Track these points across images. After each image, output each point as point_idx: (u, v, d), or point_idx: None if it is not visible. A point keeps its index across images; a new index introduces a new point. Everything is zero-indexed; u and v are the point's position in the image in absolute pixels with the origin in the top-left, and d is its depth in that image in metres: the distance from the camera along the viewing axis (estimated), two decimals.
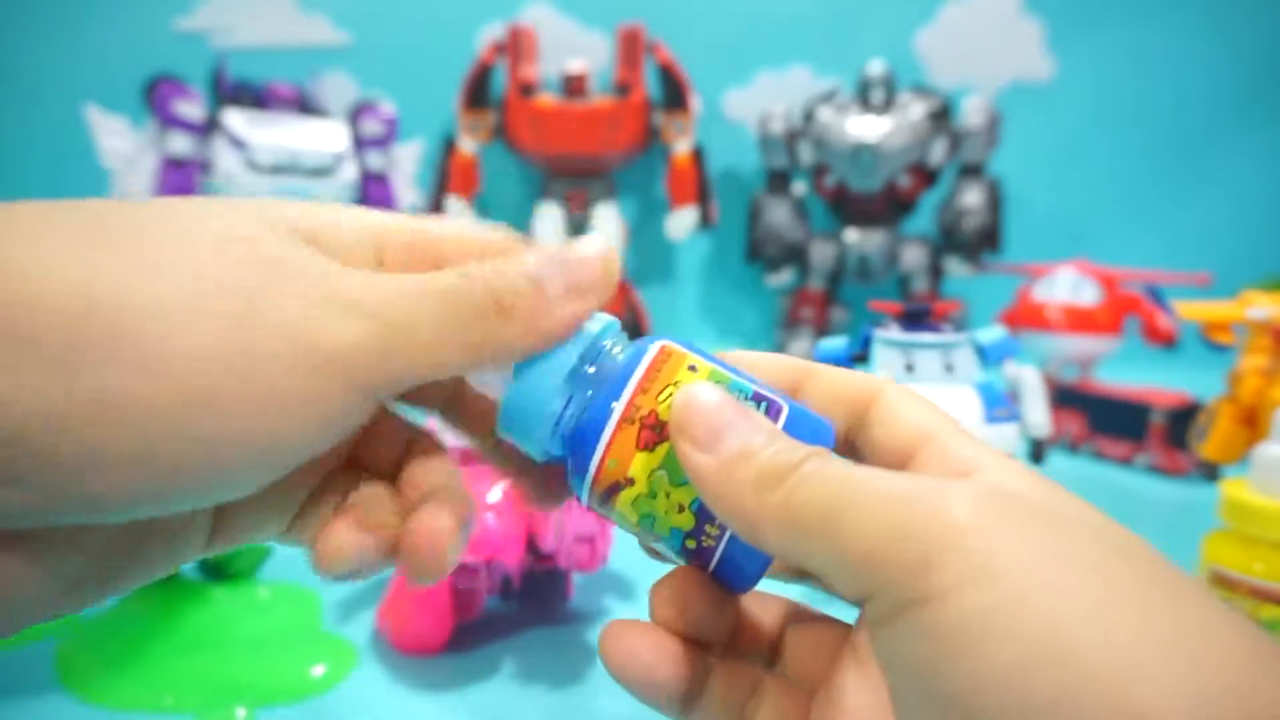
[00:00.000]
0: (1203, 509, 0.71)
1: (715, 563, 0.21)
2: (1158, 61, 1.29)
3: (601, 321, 0.22)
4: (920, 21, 1.30)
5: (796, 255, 1.14)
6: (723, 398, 0.19)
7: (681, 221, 1.15)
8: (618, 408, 0.20)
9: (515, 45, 1.14)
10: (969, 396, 0.48)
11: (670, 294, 1.36)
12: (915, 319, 0.52)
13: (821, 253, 1.12)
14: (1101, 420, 0.85)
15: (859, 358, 0.56)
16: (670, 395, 0.20)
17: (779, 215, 1.12)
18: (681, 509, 0.20)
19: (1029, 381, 0.58)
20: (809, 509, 0.17)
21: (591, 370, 0.21)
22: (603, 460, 0.20)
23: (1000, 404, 0.48)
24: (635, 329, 1.16)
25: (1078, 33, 1.29)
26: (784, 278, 1.15)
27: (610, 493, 0.21)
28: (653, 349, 0.21)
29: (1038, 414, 0.57)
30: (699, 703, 0.21)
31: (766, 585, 0.22)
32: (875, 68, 1.06)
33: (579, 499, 0.22)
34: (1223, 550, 0.42)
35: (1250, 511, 0.41)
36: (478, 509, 0.45)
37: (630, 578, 0.55)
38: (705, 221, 1.16)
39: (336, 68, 1.31)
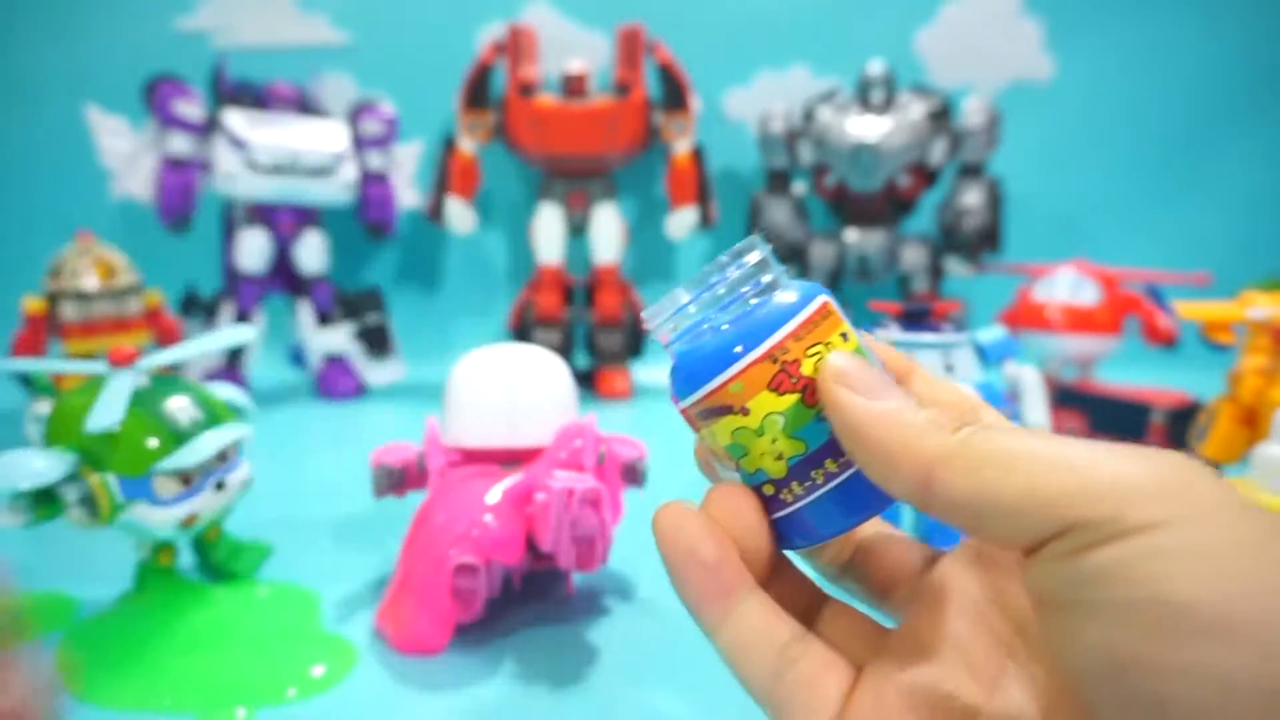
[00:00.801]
0: None
1: (782, 515, 0.21)
2: (1157, 62, 1.29)
3: (764, 250, 0.22)
4: (920, 21, 1.30)
5: (796, 255, 1.14)
6: (879, 371, 0.21)
7: (681, 221, 1.15)
8: (767, 343, 0.21)
9: (515, 45, 1.14)
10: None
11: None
12: (915, 319, 0.52)
13: (821, 253, 1.12)
14: (1101, 420, 0.85)
15: None
16: (819, 354, 0.21)
17: (779, 215, 1.12)
18: (779, 457, 0.21)
19: (1029, 381, 0.58)
20: (993, 447, 0.18)
21: (752, 299, 0.22)
22: (730, 380, 0.21)
23: (1000, 404, 0.48)
24: (635, 329, 1.16)
25: (1077, 33, 1.29)
26: None
27: (718, 412, 0.21)
28: (816, 302, 0.21)
29: (1038, 414, 0.57)
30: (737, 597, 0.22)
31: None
32: (875, 68, 1.06)
33: (676, 397, 0.22)
34: None
35: None
36: (478, 509, 0.45)
37: (630, 578, 0.55)
38: (705, 221, 1.16)
39: (336, 68, 1.32)
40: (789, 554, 0.24)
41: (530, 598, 0.51)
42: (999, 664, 0.20)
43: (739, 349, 0.21)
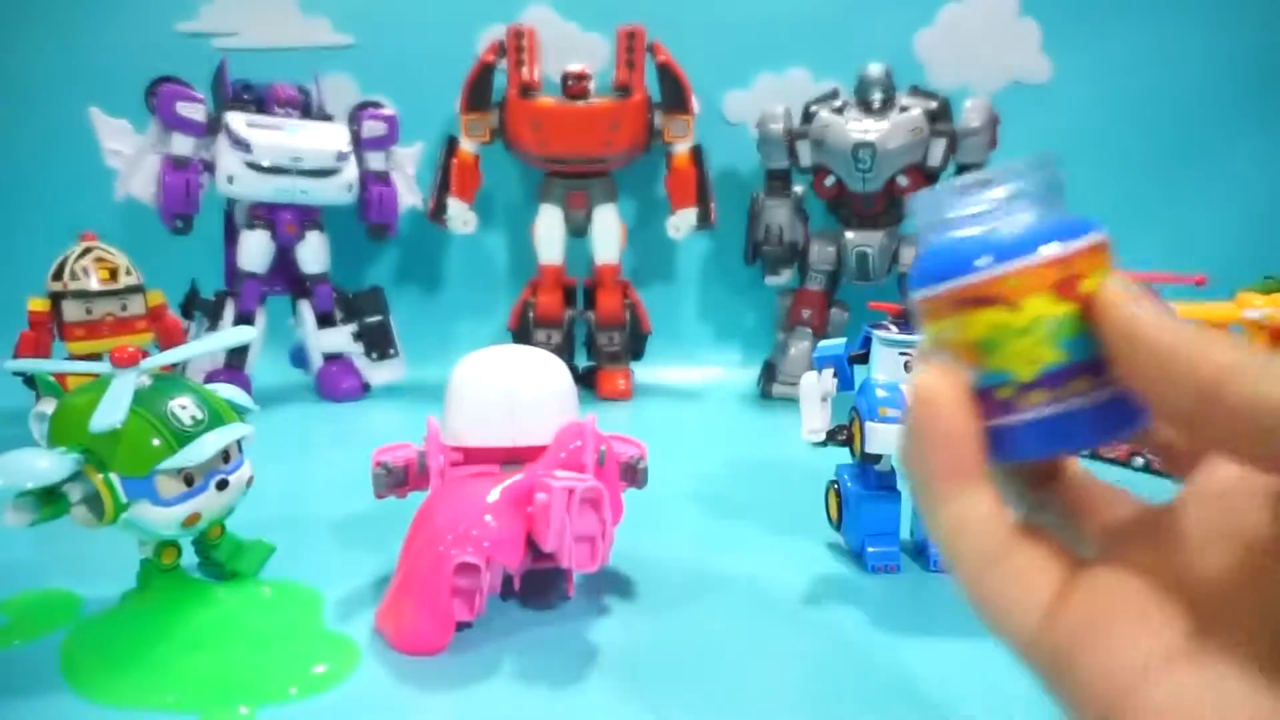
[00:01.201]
0: None
1: (1009, 422, 0.21)
2: (1155, 62, 1.29)
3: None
4: (919, 23, 1.30)
5: (796, 255, 1.14)
6: None
7: (681, 222, 1.15)
8: (1063, 247, 0.21)
9: (516, 46, 1.14)
10: None
11: (670, 294, 1.36)
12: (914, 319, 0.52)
13: (821, 253, 1.12)
14: None
15: (858, 358, 0.57)
16: (1098, 277, 0.21)
17: (779, 215, 1.12)
18: (1034, 361, 0.21)
19: None
20: None
21: (1047, 206, 0.22)
22: (1014, 273, 0.21)
23: None
24: (635, 329, 1.16)
25: (1075, 34, 1.29)
26: (784, 278, 1.15)
27: (982, 302, 0.21)
28: (1104, 232, 0.22)
29: None
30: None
31: None
32: (874, 69, 1.07)
33: (933, 280, 0.22)
34: None
35: None
36: (479, 509, 0.46)
37: (630, 578, 0.55)
38: (705, 222, 1.16)
39: (338, 69, 1.32)
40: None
41: (530, 598, 0.51)
42: (1224, 598, 0.20)
43: (1034, 245, 0.21)
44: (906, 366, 0.52)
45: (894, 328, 0.54)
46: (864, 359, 0.55)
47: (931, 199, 0.22)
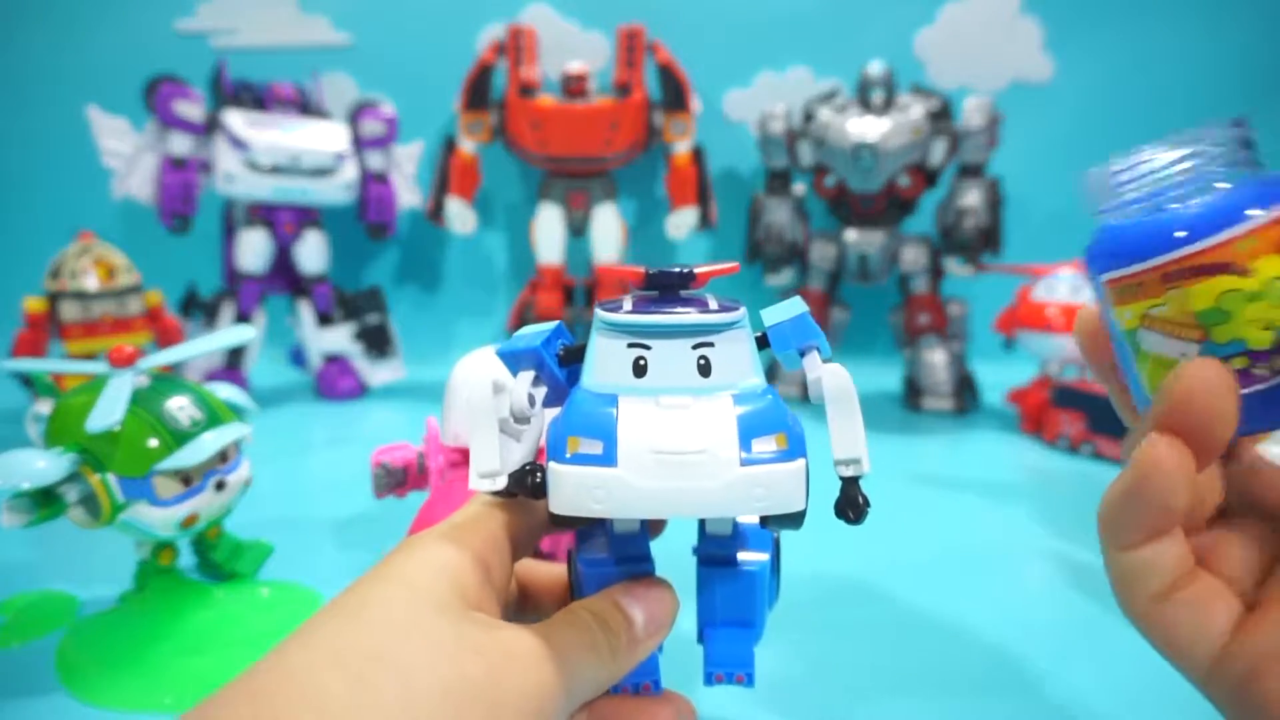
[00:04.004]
0: None
1: (1246, 391, 0.20)
2: (1156, 62, 1.29)
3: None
4: (920, 22, 1.30)
5: (796, 255, 1.14)
6: None
7: (681, 222, 1.15)
8: None
9: (515, 45, 1.14)
10: (722, 414, 0.26)
11: None
12: (666, 289, 0.29)
13: (821, 253, 1.12)
14: (1101, 420, 0.85)
15: (573, 354, 0.31)
16: None
17: (779, 215, 1.12)
18: (1269, 327, 0.20)
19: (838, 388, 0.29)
20: None
21: (1253, 166, 0.20)
22: (1237, 237, 0.19)
23: (770, 427, 0.26)
24: None
25: (1077, 33, 1.29)
26: (784, 278, 1.15)
27: (1207, 271, 0.20)
28: None
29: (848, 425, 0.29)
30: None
31: None
32: (875, 68, 1.06)
33: (1140, 258, 0.21)
34: None
35: None
36: None
37: None
38: (705, 222, 1.16)
39: (337, 68, 1.32)
40: None
41: None
42: None
43: (1255, 205, 0.20)
44: (640, 366, 0.27)
45: (628, 304, 0.29)
46: (578, 354, 0.30)
47: (1109, 175, 0.21)
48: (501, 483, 0.28)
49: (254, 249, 1.04)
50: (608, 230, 1.15)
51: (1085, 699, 0.41)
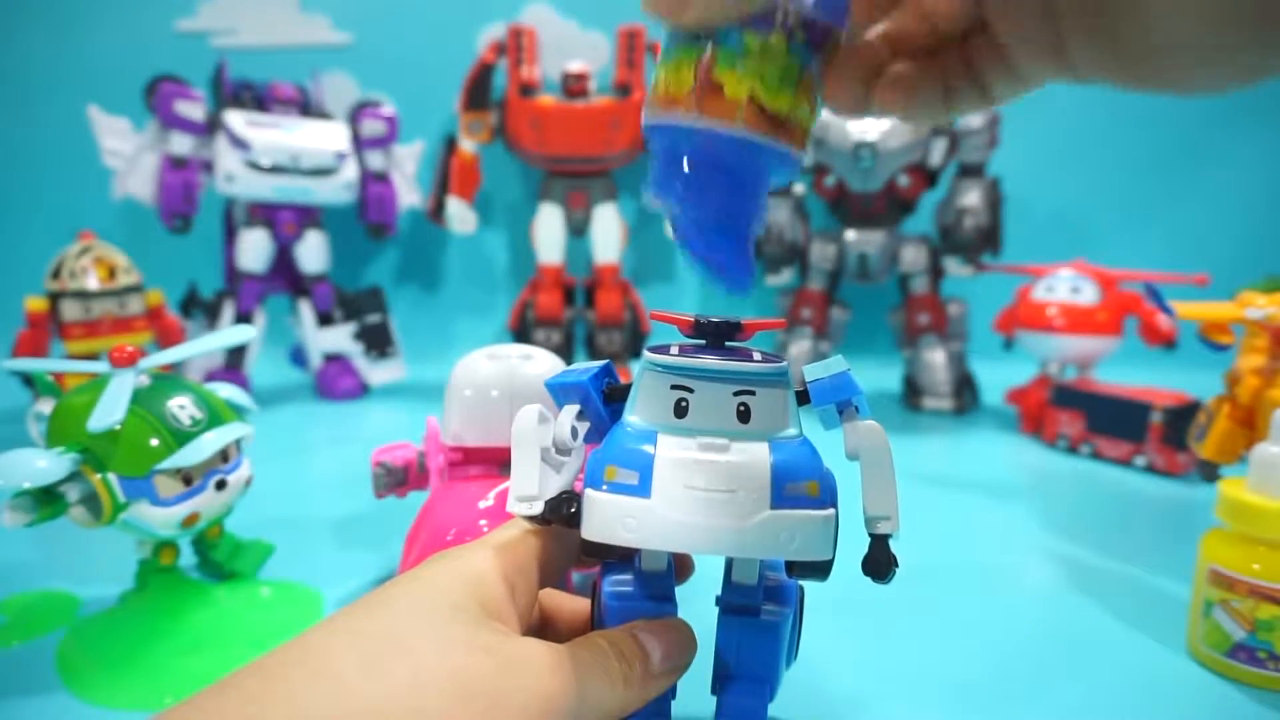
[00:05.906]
0: (1201, 509, 0.71)
1: None
2: None
3: None
4: None
5: (796, 255, 1.14)
6: None
7: None
8: None
9: (516, 45, 1.14)
10: (757, 457, 0.27)
11: (670, 294, 1.36)
12: (713, 337, 0.31)
13: (821, 253, 1.12)
14: (1101, 420, 0.85)
15: (616, 392, 0.31)
16: None
17: (779, 215, 1.12)
18: None
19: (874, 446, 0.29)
20: None
21: None
22: None
23: (803, 475, 0.27)
24: (635, 328, 1.16)
25: None
26: (784, 278, 1.15)
27: None
28: None
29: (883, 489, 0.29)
30: None
31: None
32: None
33: None
34: (1221, 550, 0.42)
35: (1248, 511, 0.41)
36: (478, 510, 0.45)
37: None
38: None
39: (337, 68, 1.32)
40: None
41: None
42: None
43: None
44: (681, 407, 0.28)
45: (675, 349, 0.31)
46: (622, 393, 0.31)
47: None
48: (538, 508, 0.29)
49: (254, 249, 1.04)
50: (608, 230, 1.15)
51: (1085, 699, 0.41)
